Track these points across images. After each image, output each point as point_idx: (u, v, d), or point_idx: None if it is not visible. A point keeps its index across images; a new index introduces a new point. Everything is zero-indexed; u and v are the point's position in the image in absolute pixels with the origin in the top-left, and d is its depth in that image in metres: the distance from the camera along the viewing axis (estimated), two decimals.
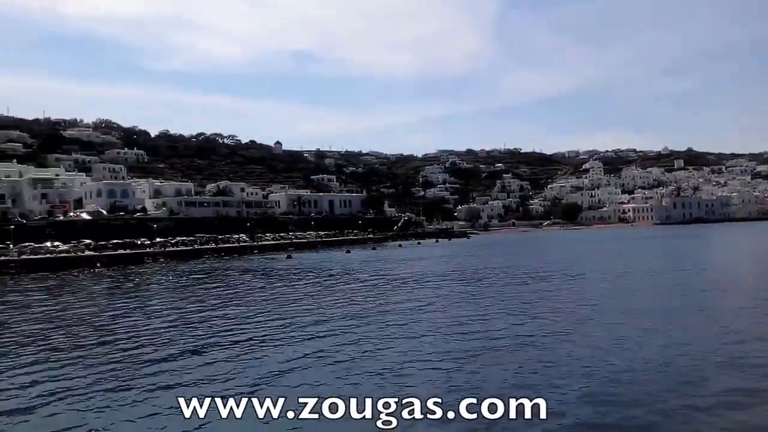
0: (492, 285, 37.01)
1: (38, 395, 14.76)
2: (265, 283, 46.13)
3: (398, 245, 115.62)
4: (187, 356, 18.85)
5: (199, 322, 26.50)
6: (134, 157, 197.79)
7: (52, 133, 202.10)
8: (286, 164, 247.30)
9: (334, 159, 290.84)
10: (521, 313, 24.69)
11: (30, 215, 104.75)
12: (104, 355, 19.58)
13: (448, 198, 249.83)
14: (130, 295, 40.15)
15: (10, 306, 36.17)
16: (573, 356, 16.27)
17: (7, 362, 19.13)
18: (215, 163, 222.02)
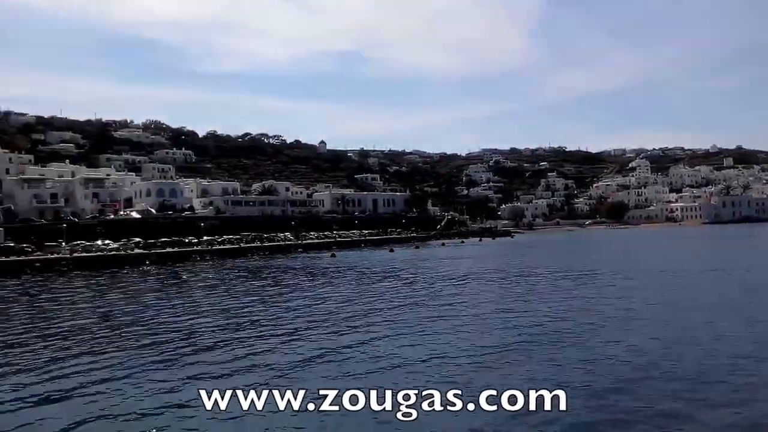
0: (535, 284, 36.56)
1: (76, 384, 15.48)
2: (308, 280, 46.74)
3: (441, 244, 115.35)
4: (218, 350, 19.28)
5: (240, 318, 27.09)
6: (182, 157, 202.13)
7: (104, 134, 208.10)
8: (330, 164, 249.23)
9: (377, 158, 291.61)
10: (562, 311, 24.35)
11: (82, 214, 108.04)
12: (142, 348, 20.28)
13: (492, 197, 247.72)
14: (175, 292, 41.17)
15: (59, 302, 37.55)
16: (606, 354, 16.15)
17: (51, 353, 20.05)
18: (261, 162, 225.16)
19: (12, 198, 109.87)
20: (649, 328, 19.86)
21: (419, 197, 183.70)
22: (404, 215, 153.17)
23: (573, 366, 14.82)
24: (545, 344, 17.74)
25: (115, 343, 21.53)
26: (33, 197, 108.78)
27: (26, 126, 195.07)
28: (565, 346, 17.41)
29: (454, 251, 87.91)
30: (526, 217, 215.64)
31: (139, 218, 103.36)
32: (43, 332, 25.14)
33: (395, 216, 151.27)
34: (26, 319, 29.85)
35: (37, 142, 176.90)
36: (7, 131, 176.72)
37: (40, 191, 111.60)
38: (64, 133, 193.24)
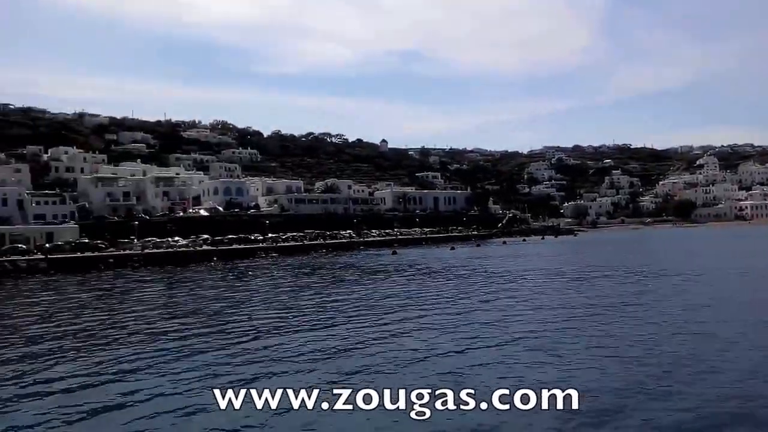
0: (596, 283, 35.90)
1: (125, 369, 16.67)
2: (367, 277, 47.15)
3: (503, 242, 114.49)
4: (258, 346, 19.64)
5: (293, 313, 27.65)
6: (248, 156, 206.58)
7: (173, 134, 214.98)
8: (391, 162, 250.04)
9: (438, 156, 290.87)
10: (617, 313, 23.83)
11: (153, 212, 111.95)
12: (193, 338, 21.15)
13: (554, 195, 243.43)
14: (236, 288, 42.17)
15: (127, 296, 39.12)
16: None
17: (106, 342, 21.39)
18: (323, 161, 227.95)
19: (87, 196, 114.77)
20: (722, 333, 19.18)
21: (480, 195, 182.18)
22: (465, 213, 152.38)
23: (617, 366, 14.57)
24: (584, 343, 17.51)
25: (169, 335, 22.55)
26: (106, 195, 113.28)
27: (100, 127, 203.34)
28: (625, 346, 17.10)
29: (515, 249, 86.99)
30: (590, 216, 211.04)
31: (206, 216, 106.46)
32: (107, 324, 26.42)
33: (456, 214, 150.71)
34: (96, 311, 31.31)
35: (110, 142, 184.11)
36: (82, 132, 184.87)
37: (113, 190, 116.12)
38: (136, 134, 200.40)
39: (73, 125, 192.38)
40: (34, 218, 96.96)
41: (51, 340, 22.69)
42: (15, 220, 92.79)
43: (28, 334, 24.63)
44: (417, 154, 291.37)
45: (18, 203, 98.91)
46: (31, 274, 60.51)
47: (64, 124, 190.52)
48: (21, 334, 24.81)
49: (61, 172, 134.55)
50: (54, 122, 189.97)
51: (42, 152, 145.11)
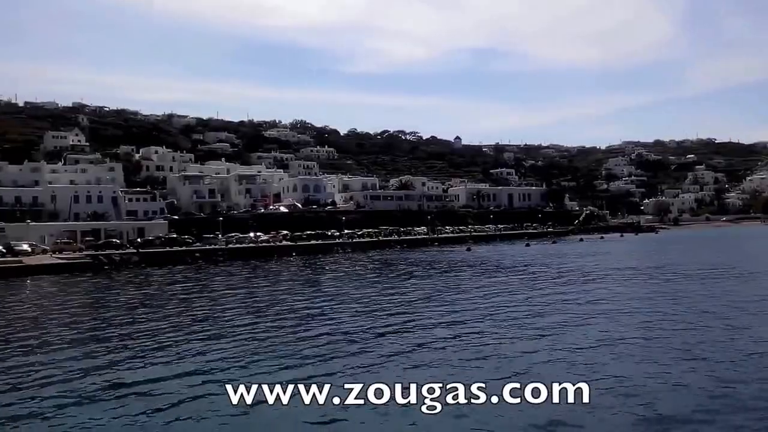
0: (678, 283, 35.11)
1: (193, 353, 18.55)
2: (441, 273, 48.37)
3: (580, 239, 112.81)
4: (329, 336, 20.74)
5: (365, 306, 29.13)
6: (325, 154, 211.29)
7: (255, 134, 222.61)
8: (465, 159, 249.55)
9: (513, 153, 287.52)
10: (702, 318, 23.27)
11: (236, 208, 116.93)
12: (252, 332, 22.77)
13: (634, 191, 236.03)
14: (312, 282, 44.15)
15: (211, 288, 41.95)
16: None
17: (179, 331, 23.47)
18: (398, 158, 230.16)
19: (175, 193, 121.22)
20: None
21: (556, 192, 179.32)
22: (540, 210, 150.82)
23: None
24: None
25: (239, 324, 24.48)
26: (193, 193, 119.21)
27: (187, 127, 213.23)
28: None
29: (592, 246, 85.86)
30: (672, 212, 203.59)
31: (286, 212, 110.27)
32: (190, 314, 28.95)
33: (531, 211, 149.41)
34: (180, 301, 34.06)
35: (197, 142, 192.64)
36: (170, 132, 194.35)
37: (199, 187, 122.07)
38: (220, 134, 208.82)
39: (163, 126, 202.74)
40: (127, 214, 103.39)
41: (149, 329, 25.36)
42: (110, 216, 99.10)
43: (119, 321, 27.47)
44: (491, 151, 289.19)
45: (112, 200, 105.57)
46: (125, 267, 64.87)
47: (155, 125, 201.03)
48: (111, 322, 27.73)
49: (151, 171, 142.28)
50: (145, 123, 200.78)
51: (134, 152, 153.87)
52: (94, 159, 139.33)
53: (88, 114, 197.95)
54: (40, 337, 23.33)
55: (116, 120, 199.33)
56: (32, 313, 31.37)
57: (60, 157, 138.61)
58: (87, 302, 36.15)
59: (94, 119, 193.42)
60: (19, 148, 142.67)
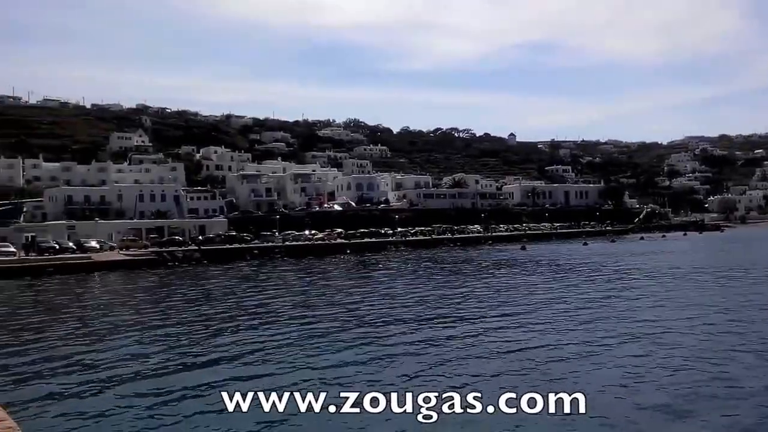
0: (731, 287, 34.05)
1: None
2: (496, 271, 48.47)
3: (640, 238, 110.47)
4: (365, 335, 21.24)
5: (412, 304, 29.59)
6: (378, 152, 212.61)
7: (309, 133, 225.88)
8: (519, 156, 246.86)
9: (569, 149, 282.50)
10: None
11: (291, 206, 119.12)
12: (303, 326, 23.60)
13: (698, 188, 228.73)
14: (361, 280, 44.84)
15: (265, 284, 43.18)
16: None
17: (229, 324, 24.46)
18: (451, 156, 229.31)
19: (234, 192, 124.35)
20: None
21: (615, 189, 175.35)
22: (598, 208, 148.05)
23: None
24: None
25: (287, 319, 25.50)
26: (251, 191, 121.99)
27: (244, 127, 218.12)
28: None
29: (653, 246, 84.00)
30: (738, 210, 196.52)
31: (340, 210, 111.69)
32: (242, 307, 30.10)
33: (588, 208, 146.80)
34: (236, 296, 35.31)
35: (254, 141, 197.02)
36: (229, 133, 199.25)
37: (256, 186, 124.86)
38: (276, 133, 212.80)
39: (222, 126, 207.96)
40: (189, 212, 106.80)
41: (218, 320, 26.61)
42: (172, 214, 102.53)
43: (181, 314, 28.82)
44: (546, 148, 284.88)
45: (175, 199, 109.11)
46: (187, 263, 67.22)
47: (214, 125, 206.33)
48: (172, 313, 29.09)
49: (211, 170, 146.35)
50: (205, 124, 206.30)
51: (195, 152, 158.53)
52: (157, 159, 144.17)
53: (150, 115, 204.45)
54: (105, 326, 25.10)
55: (177, 121, 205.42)
56: (99, 304, 33.29)
57: (125, 157, 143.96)
58: (150, 296, 37.99)
59: (157, 120, 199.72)
60: (87, 148, 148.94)
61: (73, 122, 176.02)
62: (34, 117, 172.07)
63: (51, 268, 56.08)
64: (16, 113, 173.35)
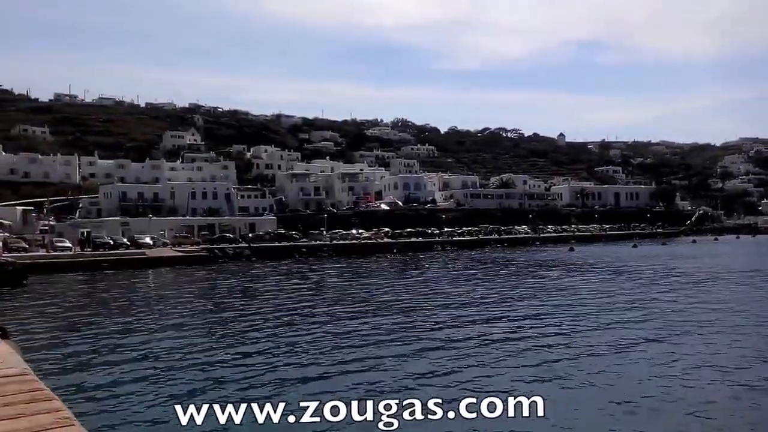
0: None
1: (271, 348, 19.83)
2: (542, 273, 48.46)
3: (692, 241, 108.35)
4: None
5: (452, 306, 30.01)
6: (426, 152, 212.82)
7: (357, 133, 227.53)
8: (568, 156, 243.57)
9: (619, 150, 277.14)
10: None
11: (339, 205, 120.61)
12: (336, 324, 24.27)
13: (752, 190, 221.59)
14: (410, 280, 45.19)
15: (310, 283, 44.16)
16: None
17: (254, 325, 24.90)
18: (499, 156, 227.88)
19: (283, 191, 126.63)
20: None
21: (666, 191, 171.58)
22: (649, 209, 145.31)
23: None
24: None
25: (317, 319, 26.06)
26: (299, 190, 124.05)
27: (294, 127, 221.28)
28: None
29: (706, 249, 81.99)
30: None
31: (387, 210, 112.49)
32: (284, 306, 30.85)
33: (639, 210, 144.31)
34: (282, 293, 36.18)
35: (303, 141, 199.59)
36: (279, 132, 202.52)
37: (305, 185, 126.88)
38: (325, 133, 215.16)
39: (272, 126, 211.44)
40: (239, 210, 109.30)
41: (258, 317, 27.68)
42: (223, 212, 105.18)
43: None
44: (596, 148, 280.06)
45: (226, 197, 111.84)
46: (237, 259, 68.98)
47: (264, 124, 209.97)
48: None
49: (261, 169, 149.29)
50: (255, 123, 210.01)
51: (245, 151, 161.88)
52: (208, 157, 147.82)
53: (203, 114, 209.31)
54: (157, 320, 26.20)
55: (229, 120, 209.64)
56: (152, 298, 34.90)
57: (178, 156, 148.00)
58: (201, 291, 39.36)
59: (209, 119, 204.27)
60: (141, 146, 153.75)
61: (128, 120, 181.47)
62: (89, 115, 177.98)
63: (106, 264, 57.56)
64: (72, 111, 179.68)
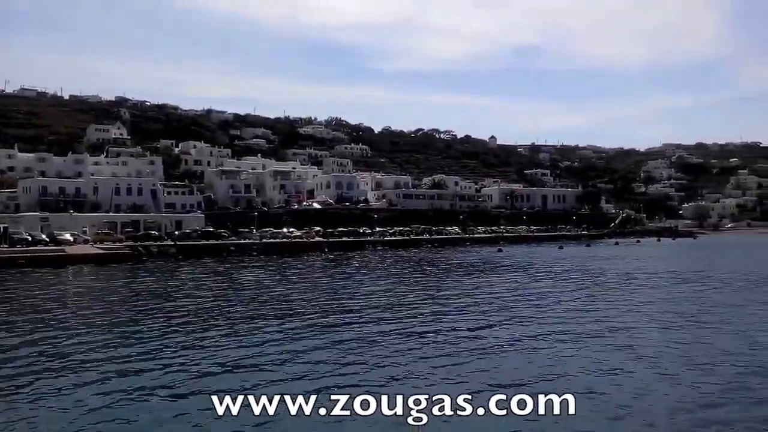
0: (702, 290, 34.97)
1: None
2: (472, 273, 48.84)
3: (615, 243, 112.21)
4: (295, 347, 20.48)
5: (380, 307, 29.79)
6: (359, 152, 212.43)
7: (290, 131, 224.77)
8: (499, 159, 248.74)
9: (548, 153, 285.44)
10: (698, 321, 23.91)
11: (270, 204, 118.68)
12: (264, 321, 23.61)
13: (673, 195, 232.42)
14: (335, 278, 44.93)
15: (236, 281, 43.11)
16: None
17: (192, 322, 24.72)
18: (431, 157, 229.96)
19: (212, 188, 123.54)
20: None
21: (592, 194, 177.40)
22: (575, 212, 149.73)
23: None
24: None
25: (246, 317, 25.90)
26: (230, 187, 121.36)
27: (225, 123, 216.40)
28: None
29: (628, 251, 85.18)
30: (712, 218, 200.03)
31: (319, 208, 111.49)
32: (209, 305, 30.09)
33: (565, 213, 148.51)
34: (207, 293, 35.23)
35: (234, 137, 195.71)
36: (209, 128, 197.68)
37: (235, 182, 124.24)
38: (257, 130, 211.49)
39: (201, 121, 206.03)
40: (166, 207, 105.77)
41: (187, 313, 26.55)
42: (149, 209, 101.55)
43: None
44: (526, 151, 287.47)
45: (152, 193, 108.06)
46: (162, 258, 66.64)
47: (194, 120, 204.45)
48: None
49: (190, 165, 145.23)
50: (185, 118, 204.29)
51: (173, 146, 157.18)
52: (134, 152, 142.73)
53: (129, 108, 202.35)
54: (74, 320, 25.11)
55: (157, 114, 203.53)
56: (67, 297, 33.04)
57: (102, 150, 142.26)
58: (119, 291, 37.56)
59: (136, 113, 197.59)
60: (64, 140, 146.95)
61: (51, 113, 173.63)
62: (10, 106, 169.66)
63: (22, 261, 55.32)
64: None
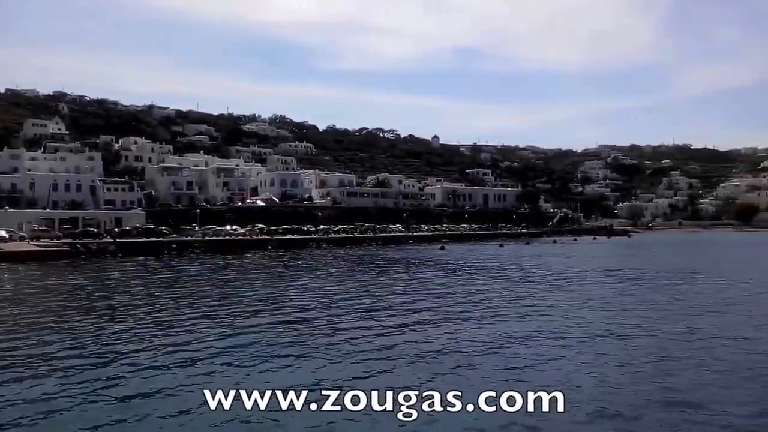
0: (640, 286, 36.03)
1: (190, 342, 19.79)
2: (414, 270, 50.04)
3: (553, 241, 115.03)
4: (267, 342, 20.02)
5: (331, 304, 30.38)
6: (304, 149, 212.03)
7: (234, 128, 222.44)
8: (442, 158, 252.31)
9: (489, 153, 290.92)
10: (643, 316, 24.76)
11: (213, 201, 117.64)
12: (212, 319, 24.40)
13: (608, 195, 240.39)
14: (281, 276, 45.46)
15: (179, 279, 43.28)
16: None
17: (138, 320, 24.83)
18: (376, 156, 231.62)
19: (153, 184, 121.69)
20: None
21: (531, 193, 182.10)
22: (515, 211, 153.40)
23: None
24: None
25: (201, 316, 25.81)
26: (171, 184, 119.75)
27: (166, 119, 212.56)
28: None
29: (565, 248, 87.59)
30: (645, 217, 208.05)
31: (263, 206, 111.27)
32: (154, 304, 30.44)
33: (506, 211, 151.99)
34: (147, 291, 35.22)
35: (176, 134, 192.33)
36: (150, 123, 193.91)
37: (177, 179, 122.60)
38: (200, 126, 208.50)
39: (143, 117, 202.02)
40: (105, 204, 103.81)
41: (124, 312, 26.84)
42: (87, 205, 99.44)
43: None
44: (468, 151, 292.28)
45: (91, 189, 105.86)
46: (101, 255, 65.50)
47: (135, 115, 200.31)
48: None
49: (130, 161, 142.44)
50: (125, 114, 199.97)
51: (113, 142, 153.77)
52: (73, 148, 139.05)
53: (68, 103, 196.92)
54: (9, 320, 24.47)
55: (96, 109, 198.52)
56: (5, 297, 32.41)
57: (40, 145, 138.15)
58: (57, 288, 36.76)
59: (75, 108, 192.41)
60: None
61: None
62: None
63: None
64: None
